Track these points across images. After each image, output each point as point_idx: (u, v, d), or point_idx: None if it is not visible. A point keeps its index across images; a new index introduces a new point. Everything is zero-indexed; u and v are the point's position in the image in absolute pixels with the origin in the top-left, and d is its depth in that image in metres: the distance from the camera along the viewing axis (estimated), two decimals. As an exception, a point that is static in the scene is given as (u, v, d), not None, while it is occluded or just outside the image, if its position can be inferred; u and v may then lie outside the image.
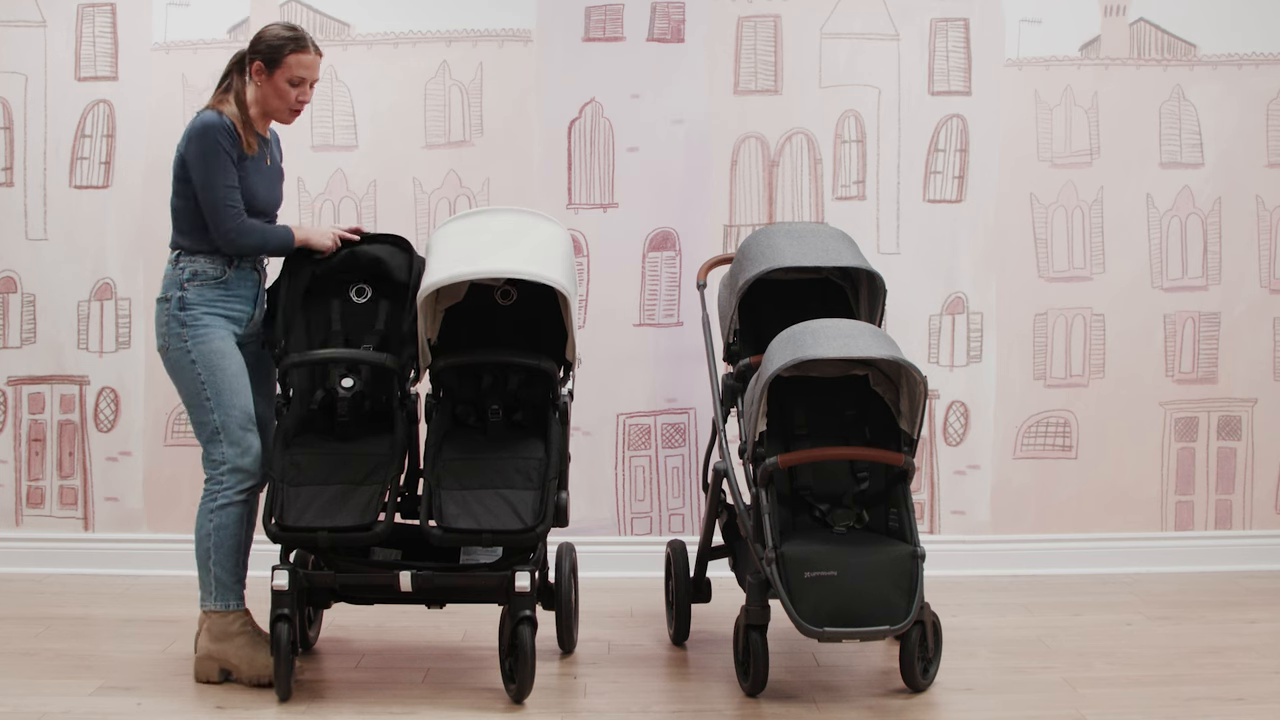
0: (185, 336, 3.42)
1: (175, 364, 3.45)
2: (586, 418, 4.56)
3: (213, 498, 3.44)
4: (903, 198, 4.63)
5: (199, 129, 3.40)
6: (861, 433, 3.61)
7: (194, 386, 3.43)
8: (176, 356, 3.43)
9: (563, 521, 3.41)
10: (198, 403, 3.43)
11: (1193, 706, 3.30)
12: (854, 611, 3.22)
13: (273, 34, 3.46)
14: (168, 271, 3.49)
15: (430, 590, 3.39)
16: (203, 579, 3.44)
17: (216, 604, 3.44)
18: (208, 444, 3.45)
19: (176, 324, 3.43)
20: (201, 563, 3.44)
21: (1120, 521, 4.70)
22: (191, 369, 3.42)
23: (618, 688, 3.45)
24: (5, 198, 4.61)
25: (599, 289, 4.61)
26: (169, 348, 3.44)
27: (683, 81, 4.60)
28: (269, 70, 3.45)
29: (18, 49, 4.58)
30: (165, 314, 3.45)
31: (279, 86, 3.46)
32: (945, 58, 4.62)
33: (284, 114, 3.52)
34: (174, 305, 3.44)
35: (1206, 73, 4.64)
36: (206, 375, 3.42)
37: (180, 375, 3.45)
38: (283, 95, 3.47)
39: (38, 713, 3.23)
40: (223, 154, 3.39)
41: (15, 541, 4.63)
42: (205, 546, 3.42)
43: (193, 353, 3.42)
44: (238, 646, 3.41)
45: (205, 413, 3.43)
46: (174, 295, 3.44)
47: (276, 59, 3.44)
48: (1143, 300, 4.67)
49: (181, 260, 3.47)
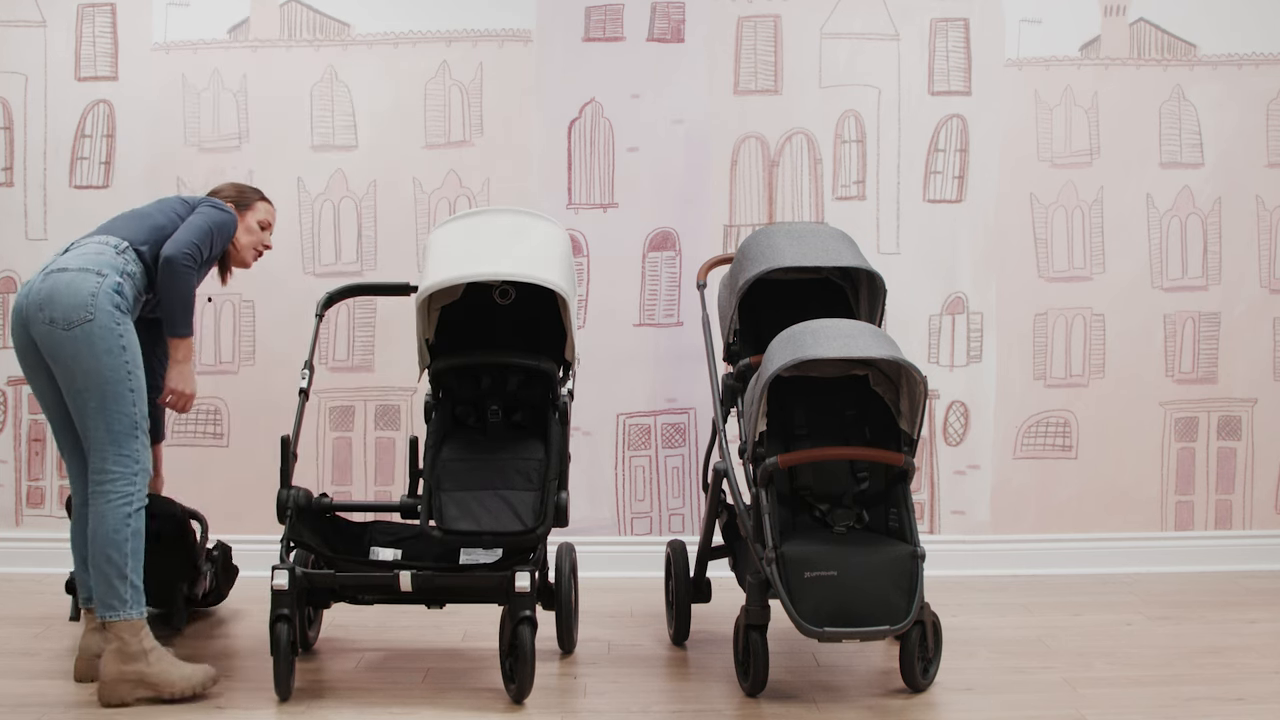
0: (119, 320, 3.26)
1: (99, 341, 3.22)
2: (586, 418, 4.56)
3: (126, 500, 3.25)
4: (903, 198, 4.63)
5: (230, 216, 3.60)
6: (861, 433, 3.61)
7: (119, 373, 3.24)
8: (105, 334, 3.22)
9: (563, 522, 3.40)
10: (119, 391, 3.24)
11: (1193, 706, 3.30)
12: (854, 611, 3.22)
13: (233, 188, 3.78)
14: (102, 252, 3.33)
15: (430, 590, 3.38)
16: (115, 589, 3.22)
17: (133, 612, 3.24)
18: (123, 438, 3.25)
19: (111, 302, 3.25)
20: (115, 571, 3.22)
21: (1120, 521, 4.70)
22: (121, 354, 3.24)
23: (618, 688, 3.45)
24: (5, 198, 4.61)
25: (599, 289, 4.60)
26: (94, 320, 3.21)
27: (683, 81, 4.60)
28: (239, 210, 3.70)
29: (18, 49, 4.58)
30: (95, 286, 3.24)
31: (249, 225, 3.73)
32: (945, 58, 4.62)
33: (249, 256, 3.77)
34: (111, 284, 3.27)
35: (1206, 73, 4.64)
36: (133, 368, 3.27)
37: (106, 355, 3.23)
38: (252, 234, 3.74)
39: (38, 713, 3.23)
40: (225, 240, 3.57)
41: (15, 541, 4.63)
42: (123, 552, 3.23)
43: (124, 339, 3.26)
44: (152, 663, 3.24)
45: (127, 404, 3.25)
46: (111, 276, 3.28)
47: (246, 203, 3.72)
48: (1143, 300, 4.67)
49: (128, 254, 3.36)
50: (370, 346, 4.60)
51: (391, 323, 4.55)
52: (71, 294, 3.23)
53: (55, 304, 3.23)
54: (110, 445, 3.25)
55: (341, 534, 3.66)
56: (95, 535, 3.24)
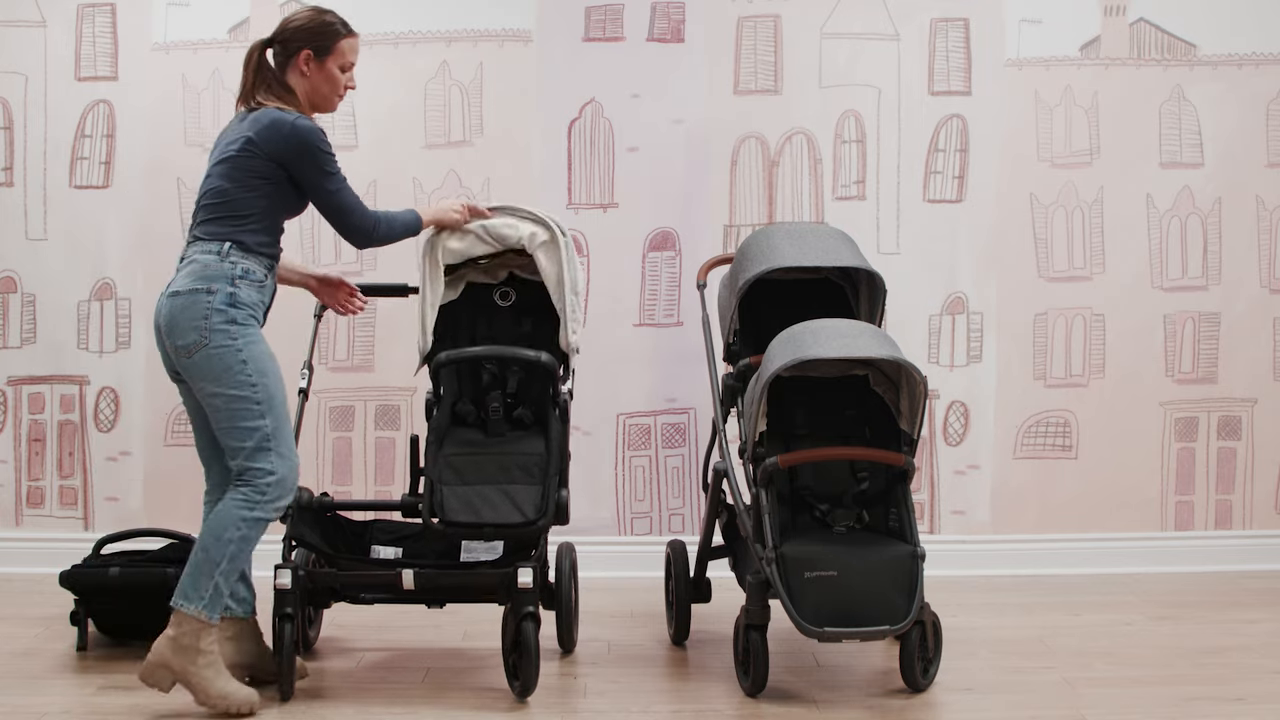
0: (235, 334, 3.16)
1: (218, 362, 3.15)
2: (586, 418, 4.56)
3: (249, 505, 3.16)
4: (903, 198, 4.63)
5: (309, 131, 3.23)
6: (861, 433, 3.61)
7: (242, 388, 3.16)
8: (221, 355, 3.15)
9: (563, 519, 3.40)
10: (245, 407, 3.16)
11: (1193, 706, 3.30)
12: (854, 611, 3.22)
13: (316, 21, 3.31)
14: (209, 263, 3.19)
15: (432, 589, 3.39)
16: (199, 583, 3.15)
17: (204, 611, 3.14)
18: (255, 453, 3.17)
19: (223, 319, 3.15)
20: (204, 567, 3.15)
21: (1120, 521, 4.70)
22: (241, 369, 3.15)
23: (618, 688, 3.45)
24: (5, 198, 4.61)
25: (599, 289, 4.60)
26: (209, 344, 3.15)
27: (683, 81, 4.60)
28: (319, 58, 3.31)
29: (18, 49, 4.58)
30: (207, 307, 3.15)
31: (330, 73, 3.33)
32: (945, 58, 4.62)
33: (333, 101, 3.37)
34: (222, 299, 3.16)
35: (1206, 73, 4.64)
36: (258, 378, 3.17)
37: (225, 375, 3.16)
38: (334, 82, 3.34)
39: (38, 713, 3.23)
40: (333, 156, 3.29)
41: (15, 541, 4.63)
42: (221, 553, 3.15)
43: (244, 352, 3.16)
44: (201, 667, 3.14)
45: (254, 417, 3.16)
46: (222, 289, 3.17)
47: (326, 47, 3.31)
48: (1143, 300, 4.68)
49: (233, 255, 3.21)
50: (370, 346, 4.60)
51: (391, 323, 4.55)
52: (186, 318, 3.16)
53: (174, 330, 3.18)
54: (244, 460, 3.19)
55: (342, 533, 3.66)
56: (206, 526, 3.18)
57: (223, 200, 3.24)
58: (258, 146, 3.22)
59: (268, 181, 3.25)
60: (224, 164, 3.25)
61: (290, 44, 3.32)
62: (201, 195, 3.29)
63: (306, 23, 3.32)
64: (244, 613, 3.38)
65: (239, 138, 3.25)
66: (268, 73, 3.33)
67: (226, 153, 3.25)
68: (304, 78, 3.33)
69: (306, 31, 3.31)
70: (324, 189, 3.28)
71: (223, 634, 3.35)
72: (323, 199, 3.30)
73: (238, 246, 3.22)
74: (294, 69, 3.33)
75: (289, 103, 3.30)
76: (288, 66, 3.33)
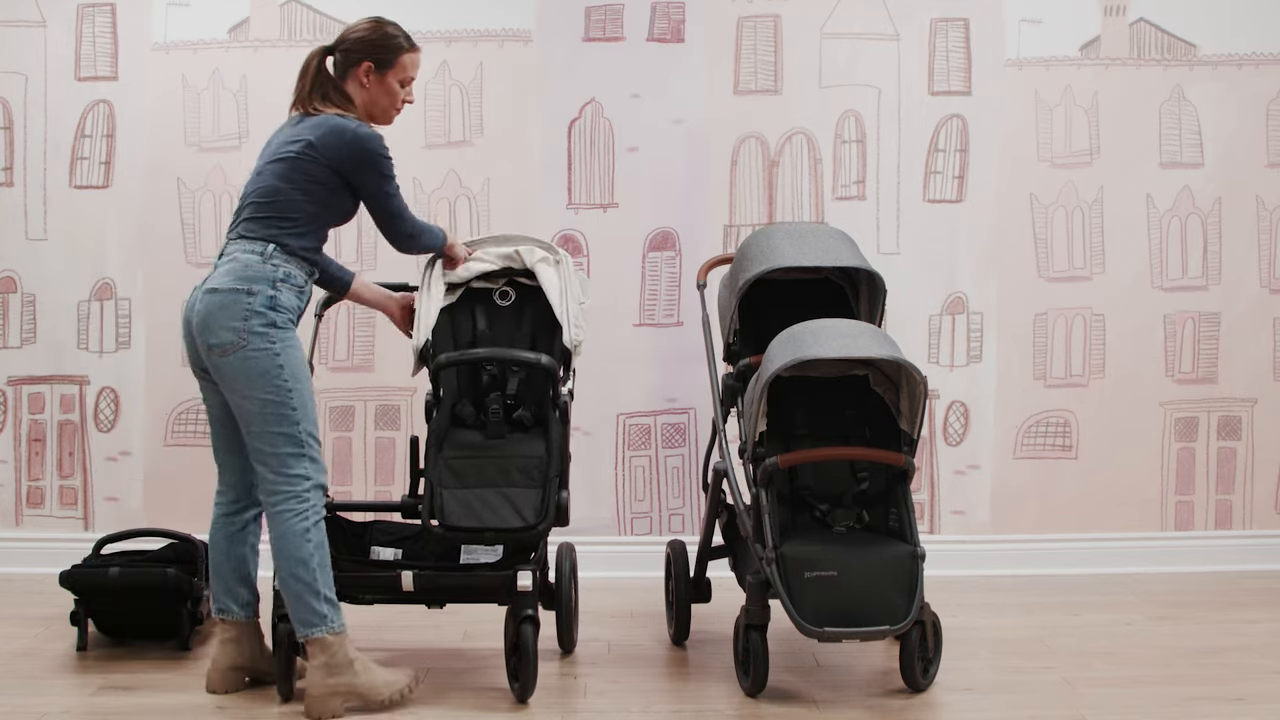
0: (274, 338, 3.13)
1: (254, 365, 3.12)
2: (586, 418, 4.56)
3: (302, 515, 3.15)
4: (903, 198, 4.63)
5: (370, 139, 3.24)
6: (861, 433, 3.61)
7: (278, 394, 3.13)
8: (258, 358, 3.12)
9: (564, 521, 3.40)
10: (281, 412, 3.14)
11: (1193, 706, 3.30)
12: (854, 611, 3.22)
13: (379, 33, 3.32)
14: (250, 263, 3.16)
15: (432, 590, 3.39)
16: (310, 605, 3.15)
17: (333, 625, 3.18)
18: (288, 458, 3.15)
19: (263, 322, 3.12)
20: (306, 589, 3.14)
21: (1120, 521, 4.70)
22: (278, 374, 3.13)
23: (618, 688, 3.45)
24: (5, 198, 4.61)
25: (599, 289, 4.60)
26: (247, 346, 3.11)
27: (683, 81, 4.60)
28: (380, 71, 3.32)
29: (18, 49, 4.58)
30: (246, 308, 3.12)
31: (390, 87, 3.34)
32: (945, 58, 4.62)
33: (390, 115, 3.38)
34: (262, 301, 3.13)
35: (1206, 73, 4.64)
36: (294, 384, 3.15)
37: (262, 380, 3.12)
38: (393, 96, 3.35)
39: (38, 713, 3.23)
40: (392, 162, 3.30)
41: (15, 541, 4.63)
42: (310, 568, 3.15)
43: (281, 357, 3.13)
44: (359, 672, 3.20)
45: (288, 423, 3.14)
46: (263, 291, 3.14)
47: (389, 59, 3.32)
48: (1143, 300, 4.67)
49: (276, 257, 3.19)
50: (370, 346, 4.60)
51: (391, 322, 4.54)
52: (224, 318, 3.12)
53: (210, 329, 3.14)
54: (278, 467, 3.16)
55: (342, 534, 3.66)
56: (278, 555, 3.16)
57: (272, 200, 3.22)
58: (318, 151, 3.21)
59: (323, 187, 3.24)
60: (280, 164, 3.23)
61: (352, 54, 3.32)
62: (250, 193, 3.26)
63: (369, 34, 3.32)
64: (246, 616, 3.38)
65: (298, 140, 3.23)
66: (326, 80, 3.32)
67: (283, 153, 3.23)
68: (363, 89, 3.33)
69: (369, 44, 3.31)
70: (382, 194, 3.30)
71: (223, 635, 3.36)
72: (379, 204, 3.31)
73: (281, 249, 3.20)
74: (353, 79, 3.33)
75: (347, 111, 3.29)
76: (347, 76, 3.33)
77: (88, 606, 3.70)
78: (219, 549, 3.36)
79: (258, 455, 3.19)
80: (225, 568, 3.35)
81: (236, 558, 3.36)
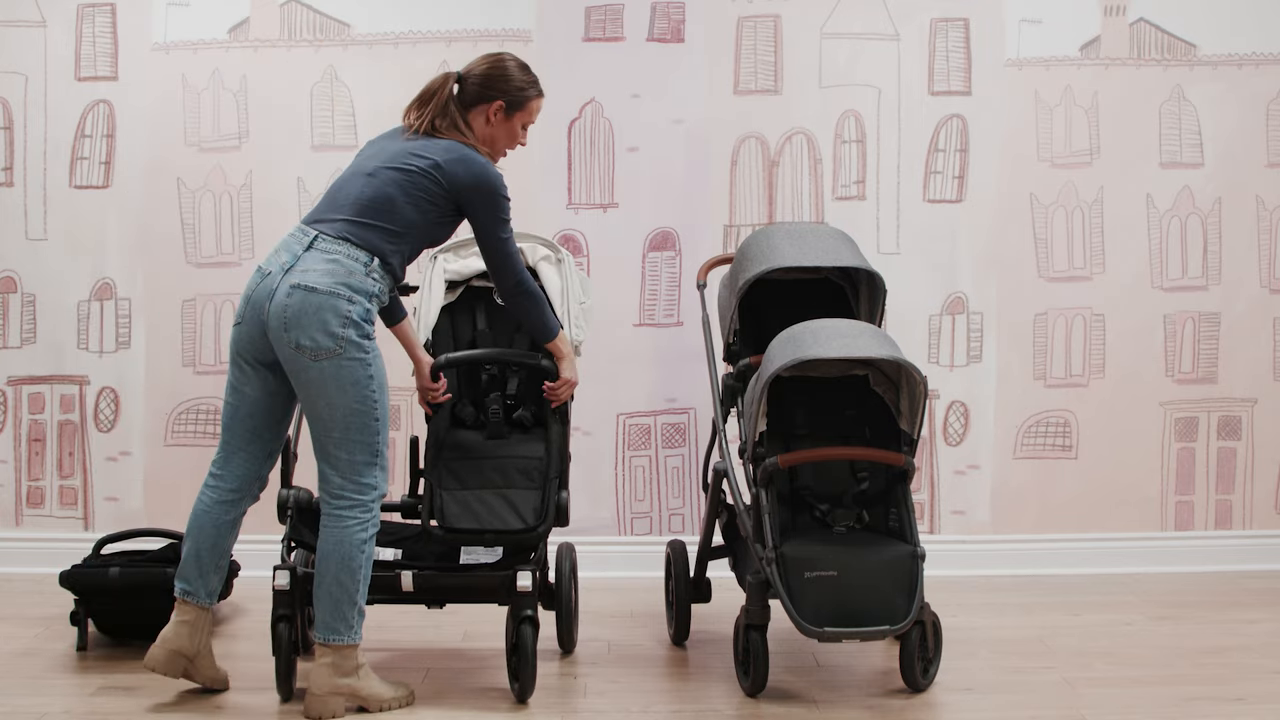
0: (368, 349, 3.14)
1: (348, 374, 3.11)
2: (586, 418, 4.56)
3: (364, 525, 3.16)
4: (903, 198, 4.63)
5: (497, 178, 3.28)
6: (862, 433, 3.61)
7: (365, 404, 3.13)
8: (353, 367, 3.11)
9: (563, 521, 3.41)
10: (365, 422, 3.14)
11: (1193, 706, 3.30)
12: (854, 611, 3.22)
13: (518, 78, 3.36)
14: (354, 270, 3.14)
15: (432, 590, 3.39)
16: (344, 614, 3.17)
17: (356, 637, 3.20)
18: (363, 467, 3.16)
19: (360, 333, 3.12)
20: (346, 598, 3.16)
21: (1120, 521, 4.70)
22: (369, 384, 3.13)
23: (618, 688, 3.45)
24: (5, 198, 4.61)
25: (599, 289, 4.59)
26: (344, 354, 3.10)
27: (683, 81, 4.60)
28: (509, 112, 3.36)
29: (18, 49, 4.58)
30: (346, 316, 3.10)
31: (513, 129, 3.39)
32: (945, 58, 4.62)
33: (503, 154, 3.43)
34: (359, 312, 3.12)
35: (1206, 73, 4.64)
36: (380, 395, 3.16)
37: (353, 388, 3.12)
38: (513, 137, 3.40)
39: (38, 713, 3.23)
40: (510, 204, 3.33)
41: (15, 541, 4.63)
42: (356, 579, 3.16)
43: (372, 368, 3.14)
44: (362, 678, 3.22)
45: (371, 434, 3.15)
46: (362, 303, 3.14)
47: (521, 103, 3.37)
48: (1143, 300, 4.68)
49: (376, 272, 3.18)
50: (370, 346, 4.60)
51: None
52: (321, 320, 3.09)
53: (303, 329, 3.09)
54: (351, 474, 3.16)
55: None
56: (328, 558, 3.15)
57: (384, 208, 3.20)
58: (444, 174, 3.23)
59: (436, 209, 3.25)
60: (399, 173, 3.23)
61: (487, 91, 3.35)
62: (358, 192, 3.23)
63: (510, 75, 3.36)
64: (209, 603, 3.31)
65: (425, 157, 3.24)
66: (453, 106, 3.34)
67: (405, 165, 3.23)
68: (488, 125, 3.36)
69: (508, 85, 3.35)
70: (496, 235, 3.31)
71: (181, 616, 3.29)
72: (492, 244, 3.31)
73: (384, 265, 3.20)
74: (480, 112, 3.35)
75: (467, 140, 3.32)
76: (474, 108, 3.35)
77: (88, 606, 3.71)
78: (205, 534, 3.29)
79: (330, 459, 3.17)
80: (206, 554, 3.29)
81: (220, 548, 3.31)
